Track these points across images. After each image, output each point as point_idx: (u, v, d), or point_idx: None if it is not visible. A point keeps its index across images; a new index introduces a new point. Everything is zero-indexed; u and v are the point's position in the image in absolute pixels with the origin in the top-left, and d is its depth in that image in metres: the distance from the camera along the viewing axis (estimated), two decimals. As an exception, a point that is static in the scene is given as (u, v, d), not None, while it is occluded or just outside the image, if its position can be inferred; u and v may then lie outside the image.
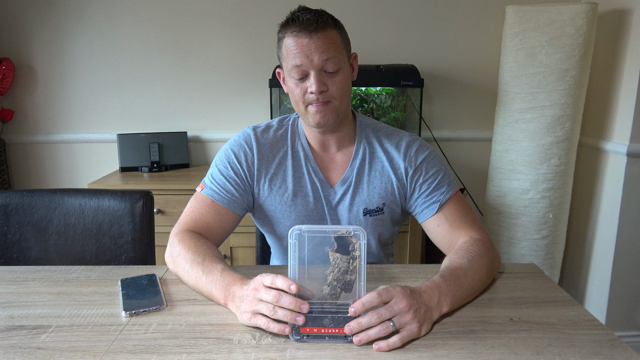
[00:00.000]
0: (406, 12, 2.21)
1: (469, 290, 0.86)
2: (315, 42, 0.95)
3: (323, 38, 0.96)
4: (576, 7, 1.81)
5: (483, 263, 0.91)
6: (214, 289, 0.85)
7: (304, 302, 0.73)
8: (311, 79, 0.97)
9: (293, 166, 1.09)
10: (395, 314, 0.74)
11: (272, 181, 1.09)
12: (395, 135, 1.12)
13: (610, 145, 1.95)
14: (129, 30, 2.22)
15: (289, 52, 0.98)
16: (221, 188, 1.05)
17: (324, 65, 0.97)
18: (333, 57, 0.97)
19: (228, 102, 2.30)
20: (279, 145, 1.10)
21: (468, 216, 1.05)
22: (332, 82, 0.99)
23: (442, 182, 1.08)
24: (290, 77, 1.01)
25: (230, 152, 1.08)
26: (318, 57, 0.96)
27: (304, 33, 0.95)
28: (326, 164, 1.11)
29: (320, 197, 1.09)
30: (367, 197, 1.09)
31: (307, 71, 0.97)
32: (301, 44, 0.96)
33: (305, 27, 0.95)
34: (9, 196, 1.26)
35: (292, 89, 1.02)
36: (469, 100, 2.29)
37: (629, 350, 0.72)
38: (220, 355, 0.71)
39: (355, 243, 0.74)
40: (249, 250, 1.99)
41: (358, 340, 0.72)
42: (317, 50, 0.95)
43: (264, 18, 2.20)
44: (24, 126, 2.32)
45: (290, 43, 0.97)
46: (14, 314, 0.83)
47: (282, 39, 1.00)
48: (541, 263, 2.04)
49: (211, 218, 1.03)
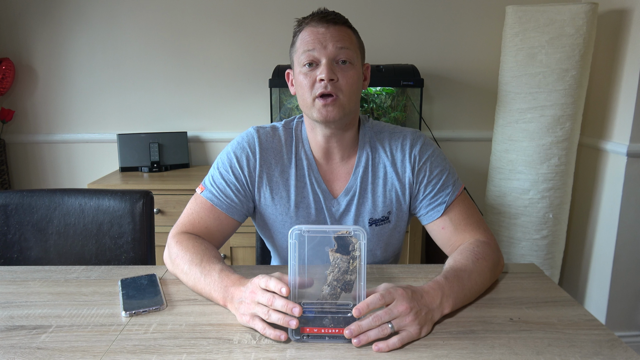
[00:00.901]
0: (406, 12, 2.21)
1: (472, 292, 0.86)
2: (332, 32, 0.96)
3: (339, 30, 0.97)
4: (576, 7, 1.81)
5: (487, 265, 0.91)
6: (213, 290, 0.85)
7: (296, 305, 0.72)
8: (321, 67, 0.95)
9: (296, 175, 1.06)
10: (394, 316, 0.74)
11: (273, 189, 1.05)
12: (399, 134, 1.08)
13: (610, 145, 1.95)
14: (129, 30, 2.22)
15: (302, 42, 0.97)
16: (221, 193, 1.03)
17: (337, 54, 0.96)
18: (347, 47, 0.96)
19: (228, 102, 2.30)
20: (283, 151, 1.06)
21: (473, 217, 1.03)
22: (342, 75, 0.96)
23: (447, 182, 1.05)
24: (300, 68, 0.98)
25: (232, 155, 1.05)
26: (332, 45, 0.95)
27: (321, 23, 0.96)
28: (329, 174, 1.07)
29: (322, 208, 1.06)
30: (372, 207, 1.06)
31: (319, 59, 0.96)
32: (317, 32, 0.96)
33: (323, 18, 0.96)
34: (9, 196, 1.26)
35: (300, 82, 0.98)
36: (469, 100, 2.29)
37: (629, 350, 0.72)
38: (220, 355, 0.71)
39: (355, 243, 0.74)
40: (249, 250, 1.99)
41: (357, 342, 0.72)
42: (332, 38, 0.95)
43: (264, 18, 2.20)
44: (24, 126, 2.32)
45: (306, 32, 0.97)
46: (14, 314, 0.83)
47: (297, 34, 1.00)
48: (541, 263, 2.04)
49: (210, 222, 1.02)
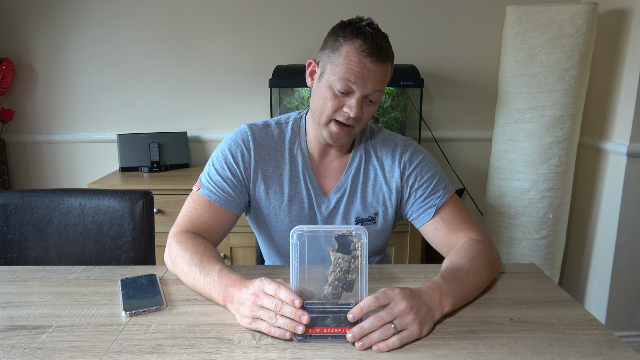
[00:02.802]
0: (406, 12, 2.21)
1: (470, 290, 0.86)
2: (377, 71, 0.95)
3: (383, 70, 0.96)
4: (576, 7, 1.81)
5: (483, 263, 0.91)
6: (212, 290, 0.85)
7: (304, 313, 0.72)
8: (353, 101, 0.96)
9: (290, 171, 1.08)
10: (396, 316, 0.73)
11: (268, 184, 1.08)
12: (390, 141, 1.11)
13: (610, 145, 1.95)
14: (129, 30, 2.22)
15: (346, 63, 0.94)
16: (218, 188, 1.04)
17: (371, 93, 0.97)
18: (381, 90, 0.98)
19: (228, 102, 2.30)
20: (277, 147, 1.09)
21: (466, 217, 1.05)
22: (366, 110, 0.99)
23: (437, 186, 1.07)
24: (330, 84, 0.97)
25: (227, 151, 1.07)
26: (372, 86, 0.96)
27: (372, 58, 0.94)
28: (322, 171, 1.10)
29: (313, 204, 1.09)
30: (360, 206, 1.09)
31: (354, 91, 0.96)
32: (364, 65, 0.94)
33: (376, 53, 0.94)
34: (9, 196, 1.26)
35: (325, 96, 0.98)
36: (469, 100, 2.29)
37: (629, 350, 0.72)
38: (220, 355, 0.71)
39: (356, 242, 0.74)
40: (249, 250, 1.99)
41: (361, 345, 0.72)
42: (374, 79, 0.95)
43: (264, 18, 2.20)
44: (24, 126, 2.32)
45: (353, 57, 0.94)
46: (14, 314, 0.83)
47: (342, 45, 0.95)
48: (541, 263, 2.04)
49: (209, 218, 1.02)
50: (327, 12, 2.20)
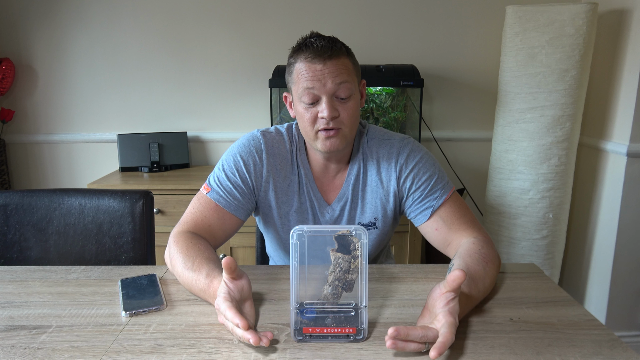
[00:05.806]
0: (406, 12, 2.21)
1: (479, 296, 0.86)
2: (329, 67, 0.96)
3: (337, 64, 0.96)
4: (576, 7, 1.81)
5: (494, 268, 0.92)
6: (203, 295, 0.86)
7: (254, 335, 0.68)
8: (322, 104, 0.97)
9: (298, 182, 1.10)
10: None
11: (278, 193, 1.09)
12: (387, 142, 1.10)
13: (610, 145, 1.95)
14: (129, 30, 2.22)
15: (300, 76, 0.97)
16: (227, 194, 1.04)
17: (336, 90, 0.97)
18: (346, 81, 0.97)
19: (228, 102, 2.30)
20: (288, 157, 1.10)
21: (466, 217, 1.05)
22: (343, 108, 0.99)
23: (435, 186, 1.06)
24: (300, 102, 1.00)
25: (239, 158, 1.07)
26: (331, 82, 0.96)
27: (318, 59, 0.95)
28: (324, 181, 1.12)
29: (317, 214, 1.11)
30: (361, 212, 1.11)
31: (319, 96, 0.97)
32: (314, 69, 0.96)
33: (320, 54, 0.95)
34: (9, 196, 1.26)
35: (301, 114, 1.00)
36: (469, 100, 2.29)
37: (629, 350, 0.72)
38: (220, 355, 0.71)
39: (356, 242, 0.74)
40: (249, 250, 1.99)
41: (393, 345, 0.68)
42: (330, 75, 0.96)
43: (264, 18, 2.20)
44: (24, 126, 2.32)
45: (303, 68, 0.97)
46: (14, 314, 0.83)
47: (293, 64, 0.99)
48: (541, 263, 2.04)
49: (214, 221, 1.03)
50: (327, 12, 2.20)
